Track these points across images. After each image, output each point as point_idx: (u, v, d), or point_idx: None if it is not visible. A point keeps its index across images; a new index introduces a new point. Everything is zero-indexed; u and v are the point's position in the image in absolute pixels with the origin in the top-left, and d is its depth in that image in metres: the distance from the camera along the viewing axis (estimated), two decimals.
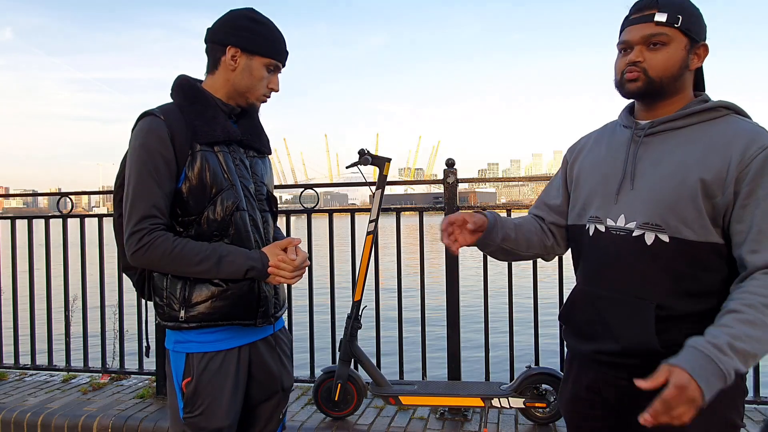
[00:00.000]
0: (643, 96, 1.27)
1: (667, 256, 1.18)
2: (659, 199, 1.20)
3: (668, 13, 1.21)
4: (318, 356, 3.39)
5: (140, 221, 1.40)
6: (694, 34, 1.22)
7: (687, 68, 1.24)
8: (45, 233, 3.73)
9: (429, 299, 3.27)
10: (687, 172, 1.18)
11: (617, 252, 1.25)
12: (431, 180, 3.47)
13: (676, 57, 1.22)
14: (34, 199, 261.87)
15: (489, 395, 2.71)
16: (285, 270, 1.47)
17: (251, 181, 1.58)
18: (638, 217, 1.22)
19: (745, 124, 1.20)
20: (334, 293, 3.37)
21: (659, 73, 1.23)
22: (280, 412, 1.70)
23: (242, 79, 1.52)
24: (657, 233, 1.19)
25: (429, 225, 3.34)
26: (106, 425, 2.99)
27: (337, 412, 2.89)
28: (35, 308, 3.75)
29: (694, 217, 1.17)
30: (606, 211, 1.29)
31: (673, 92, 1.25)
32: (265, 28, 1.53)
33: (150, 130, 1.43)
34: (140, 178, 1.41)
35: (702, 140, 1.20)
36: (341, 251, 3.50)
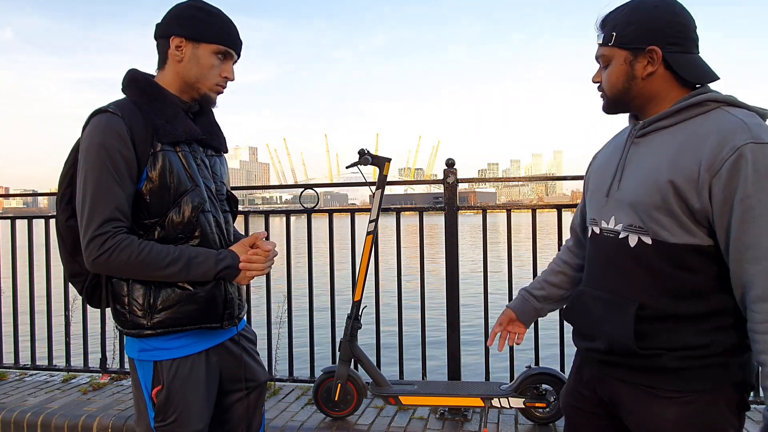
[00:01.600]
0: (612, 112, 1.32)
1: (650, 257, 1.18)
2: (637, 202, 1.19)
3: (604, 33, 1.26)
4: (318, 356, 3.39)
5: (102, 225, 1.32)
6: (634, 43, 1.21)
7: (635, 79, 1.23)
8: (45, 233, 3.73)
9: (429, 299, 3.27)
10: (659, 173, 1.16)
11: (608, 253, 1.27)
12: (431, 180, 3.47)
13: (617, 73, 1.25)
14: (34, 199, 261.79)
15: (489, 395, 2.71)
16: (257, 263, 1.44)
17: (212, 181, 1.54)
18: (624, 220, 1.22)
19: (727, 119, 1.13)
20: (334, 293, 3.36)
21: (611, 91, 1.28)
22: (261, 407, 1.69)
23: (190, 69, 1.46)
24: (640, 235, 1.19)
25: (429, 225, 3.34)
26: (106, 425, 2.99)
27: (337, 412, 2.89)
28: (35, 308, 3.75)
29: (668, 220, 1.15)
30: (600, 212, 1.30)
31: (641, 102, 1.26)
32: (209, 15, 1.47)
33: (108, 128, 1.34)
34: (99, 179, 1.33)
35: (680, 138, 1.16)
36: (341, 251, 3.50)
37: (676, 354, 1.16)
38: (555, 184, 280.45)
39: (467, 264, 5.40)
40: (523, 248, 4.41)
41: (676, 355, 1.16)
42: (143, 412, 1.48)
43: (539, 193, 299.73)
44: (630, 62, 1.23)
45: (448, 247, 3.11)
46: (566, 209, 3.24)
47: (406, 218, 3.42)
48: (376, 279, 3.22)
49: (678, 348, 1.16)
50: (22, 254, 3.74)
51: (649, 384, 1.20)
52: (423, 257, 3.24)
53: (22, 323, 3.75)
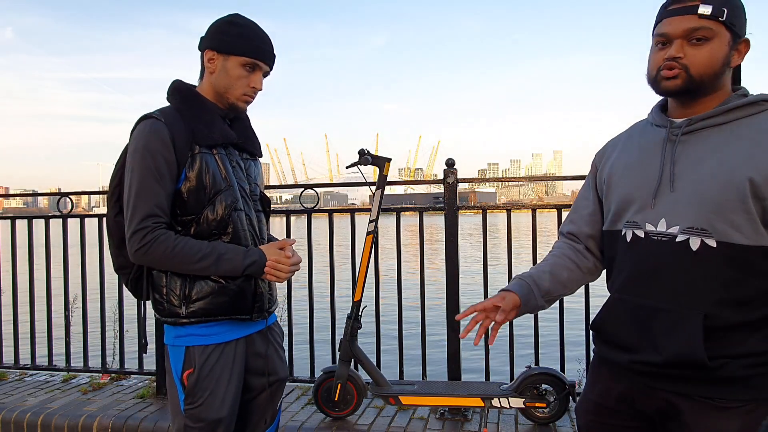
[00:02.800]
0: (681, 95, 1.20)
1: (715, 261, 1.11)
2: (704, 202, 1.12)
3: (713, 5, 1.12)
4: (318, 356, 3.39)
5: (143, 220, 1.45)
6: (738, 29, 1.14)
7: (728, 65, 1.16)
8: (45, 233, 3.72)
9: (429, 299, 3.27)
10: (733, 171, 1.10)
11: (659, 258, 1.17)
12: (431, 180, 3.47)
13: (719, 54, 1.14)
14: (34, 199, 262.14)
15: (489, 395, 2.71)
16: (281, 270, 1.54)
17: (247, 182, 1.65)
18: (681, 222, 1.14)
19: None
20: (334, 293, 3.36)
21: (701, 71, 1.15)
22: (276, 402, 1.75)
23: (220, 80, 1.57)
24: (703, 238, 1.11)
25: (429, 225, 3.34)
26: (106, 425, 2.99)
27: (337, 412, 2.89)
28: (35, 308, 3.75)
29: (743, 220, 1.09)
30: (644, 215, 1.21)
31: (711, 90, 1.18)
32: (240, 28, 1.56)
33: (152, 133, 1.47)
34: (143, 179, 1.46)
35: (747, 136, 1.12)
36: (341, 251, 3.50)
37: (741, 362, 1.10)
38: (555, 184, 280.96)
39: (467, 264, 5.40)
40: (523, 248, 4.41)
41: (741, 363, 1.10)
42: (174, 397, 1.56)
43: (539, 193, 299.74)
44: (732, 46, 1.15)
45: (448, 247, 3.11)
46: (566, 209, 3.23)
47: (406, 218, 3.42)
48: (376, 279, 3.22)
49: (744, 355, 1.10)
50: (22, 254, 3.74)
51: (708, 395, 1.13)
52: (423, 257, 3.24)
53: (22, 323, 3.75)
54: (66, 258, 3.66)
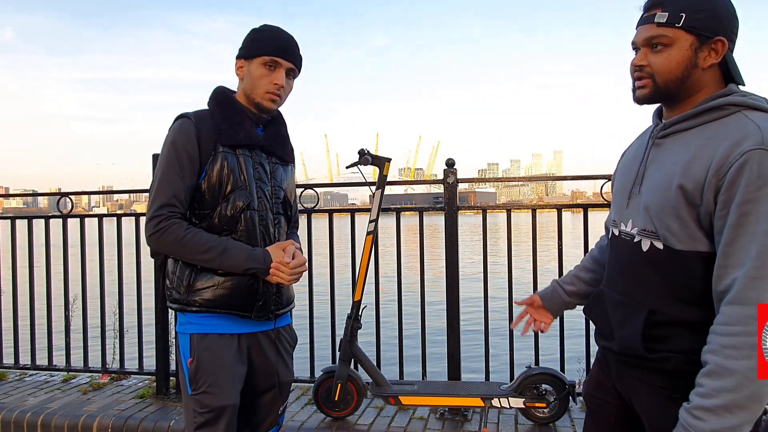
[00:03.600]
0: (653, 102, 1.24)
1: (662, 262, 1.16)
2: (650, 206, 1.18)
3: (669, 12, 1.15)
4: (318, 356, 3.39)
5: (160, 208, 1.55)
6: (703, 30, 1.14)
7: (696, 68, 1.16)
8: (45, 233, 3.73)
9: (429, 299, 3.27)
10: (670, 178, 1.14)
11: (624, 256, 1.27)
12: (431, 180, 3.47)
13: (679, 59, 1.16)
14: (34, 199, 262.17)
15: (489, 395, 2.71)
16: (284, 273, 1.58)
17: (269, 185, 1.69)
18: (639, 223, 1.21)
19: (742, 124, 1.09)
20: (334, 293, 3.37)
21: (664, 78, 1.18)
22: (279, 406, 1.77)
23: (247, 83, 1.66)
24: (652, 240, 1.18)
25: (429, 225, 3.34)
26: (106, 425, 2.99)
27: (337, 412, 2.89)
28: (35, 308, 3.75)
29: (677, 226, 1.13)
30: (621, 214, 1.29)
31: (686, 94, 1.19)
32: (262, 33, 1.66)
33: (180, 129, 1.59)
34: (166, 170, 1.56)
35: (696, 143, 1.14)
36: (341, 251, 3.50)
37: (687, 358, 1.13)
38: (555, 184, 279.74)
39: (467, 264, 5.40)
40: (523, 248, 4.41)
41: (687, 359, 1.13)
42: (183, 383, 1.62)
43: (539, 193, 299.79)
44: (695, 49, 1.15)
45: (448, 247, 3.11)
46: (566, 209, 3.24)
47: (406, 218, 3.42)
48: (376, 279, 3.22)
49: (689, 351, 1.13)
50: (22, 254, 3.74)
51: (664, 386, 1.19)
52: (423, 257, 3.24)
53: (22, 323, 3.75)
54: (66, 258, 3.66)
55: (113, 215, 3.65)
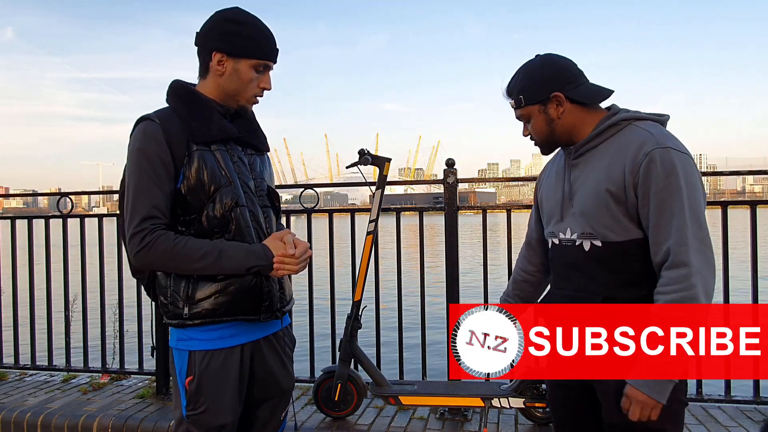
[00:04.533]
0: (549, 153, 1.60)
1: (604, 256, 1.43)
2: (585, 212, 1.44)
3: (514, 99, 1.53)
4: (318, 356, 3.39)
5: (141, 222, 1.42)
6: (539, 97, 1.49)
7: (553, 120, 1.50)
8: (45, 233, 3.73)
9: (429, 299, 3.27)
10: (598, 185, 1.42)
11: (569, 258, 1.51)
12: (431, 180, 3.47)
13: (539, 123, 1.52)
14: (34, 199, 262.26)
15: (489, 395, 2.71)
16: (290, 264, 1.50)
17: (250, 178, 1.59)
18: (577, 229, 1.47)
19: (637, 133, 1.41)
20: (334, 293, 3.37)
21: (540, 138, 1.55)
22: (280, 413, 1.70)
23: (231, 83, 1.53)
24: (591, 240, 1.44)
25: (429, 225, 3.34)
26: (106, 425, 2.99)
27: (337, 412, 2.89)
28: (35, 308, 3.75)
29: (612, 222, 1.40)
30: (558, 226, 1.54)
31: (567, 134, 1.51)
32: (249, 28, 1.52)
33: (146, 134, 1.46)
34: (139, 181, 1.44)
35: (608, 154, 1.43)
36: (341, 251, 3.50)
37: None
38: None
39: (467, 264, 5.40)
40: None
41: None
42: (178, 400, 1.53)
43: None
44: (544, 111, 1.50)
45: (448, 247, 3.11)
46: None
47: (406, 218, 3.42)
48: (376, 279, 3.22)
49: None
50: (22, 254, 3.74)
51: None
52: (423, 257, 3.24)
53: (22, 323, 3.75)
54: (66, 258, 3.66)
55: (113, 215, 3.65)
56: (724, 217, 2.96)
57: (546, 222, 1.61)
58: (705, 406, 2.99)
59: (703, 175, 3.28)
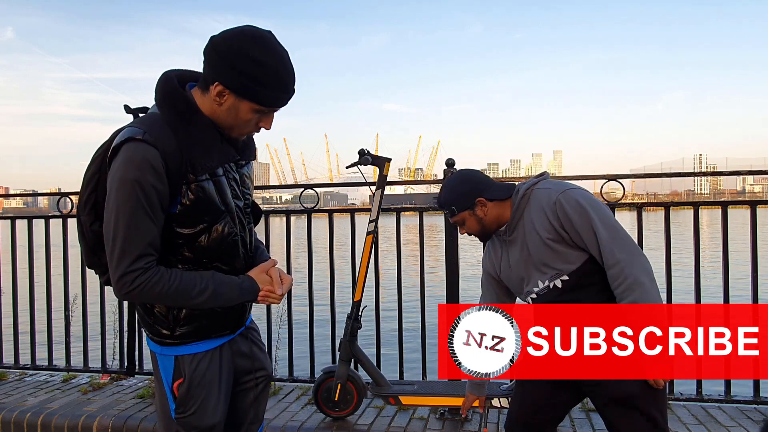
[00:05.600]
0: (485, 240, 1.99)
1: (575, 283, 1.76)
2: (542, 262, 1.78)
3: (449, 211, 1.92)
4: (318, 356, 3.39)
5: (134, 262, 1.31)
6: (468, 204, 1.87)
7: (483, 218, 1.88)
8: (45, 233, 3.73)
9: (429, 299, 3.27)
10: (539, 239, 1.77)
11: (553, 301, 1.78)
12: (431, 180, 3.47)
13: (471, 223, 1.91)
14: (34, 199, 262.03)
15: (489, 395, 2.71)
16: (272, 298, 1.52)
17: (242, 199, 1.53)
18: (544, 279, 1.79)
19: (540, 193, 1.81)
20: (334, 293, 3.37)
21: (475, 233, 1.93)
22: (264, 399, 1.74)
23: (227, 117, 1.38)
24: (560, 278, 1.77)
25: (429, 225, 3.34)
26: (106, 425, 2.99)
27: (337, 412, 2.89)
28: (35, 308, 3.76)
29: (563, 257, 1.75)
30: (529, 287, 1.84)
31: (495, 224, 1.89)
32: (265, 72, 1.32)
33: (143, 162, 1.29)
34: (134, 216, 1.29)
35: (530, 220, 1.81)
36: (341, 251, 3.49)
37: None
38: None
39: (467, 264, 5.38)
40: None
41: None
42: (165, 404, 1.51)
43: None
44: (473, 214, 1.89)
45: (448, 247, 3.11)
46: None
47: (406, 218, 3.42)
48: (376, 279, 3.22)
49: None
50: (22, 254, 3.74)
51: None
52: (423, 257, 3.24)
53: (22, 323, 3.75)
54: (66, 258, 3.66)
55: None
56: (724, 217, 2.96)
57: (515, 292, 1.94)
58: (705, 406, 2.99)
59: (703, 175, 3.30)
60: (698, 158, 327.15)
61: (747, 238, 2.95)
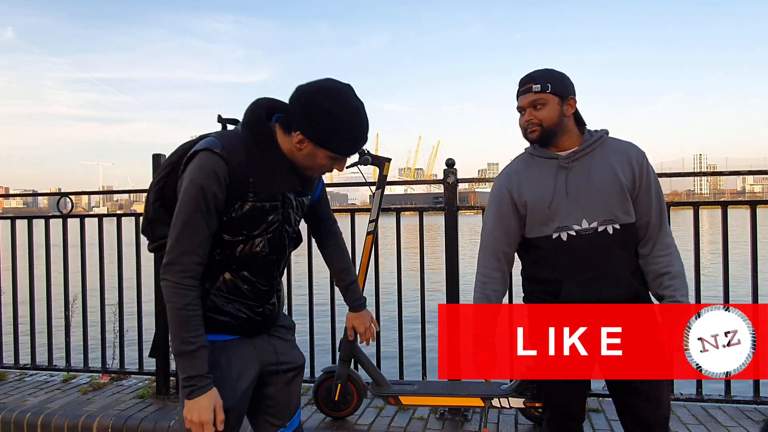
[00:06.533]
0: (540, 141, 1.82)
1: (623, 237, 1.76)
2: (607, 202, 1.74)
3: (540, 84, 1.78)
4: (318, 356, 3.39)
5: (184, 255, 1.46)
6: (562, 92, 1.78)
7: (563, 116, 1.78)
8: (45, 233, 3.73)
9: (429, 299, 3.27)
10: (615, 179, 1.74)
11: (594, 245, 1.75)
12: (431, 180, 3.47)
13: (554, 111, 1.78)
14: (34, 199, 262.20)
15: (489, 395, 2.71)
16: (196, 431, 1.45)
17: (292, 227, 1.65)
18: (597, 218, 1.75)
19: (619, 141, 1.83)
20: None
21: (547, 123, 1.78)
22: (294, 391, 1.76)
23: (305, 160, 1.54)
24: (612, 225, 1.75)
25: (429, 225, 3.34)
26: (106, 425, 2.99)
27: (337, 412, 2.89)
28: (35, 308, 3.75)
29: (628, 207, 1.76)
30: (568, 220, 1.76)
31: (561, 133, 1.80)
32: (341, 123, 1.47)
33: (212, 172, 1.44)
34: (193, 215, 1.45)
35: (607, 157, 1.78)
36: None
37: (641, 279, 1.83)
38: None
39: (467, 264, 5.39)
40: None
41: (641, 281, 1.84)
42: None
43: None
44: (560, 105, 1.78)
45: (448, 247, 3.11)
46: None
47: (406, 218, 3.42)
48: (376, 279, 3.22)
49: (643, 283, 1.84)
50: (22, 254, 3.74)
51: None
52: (423, 257, 3.24)
53: (22, 323, 3.75)
54: (66, 258, 3.66)
55: (113, 215, 3.65)
56: (724, 217, 2.96)
57: (542, 221, 1.80)
58: (705, 406, 3.00)
59: (703, 175, 3.30)
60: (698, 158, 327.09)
61: (747, 238, 2.95)
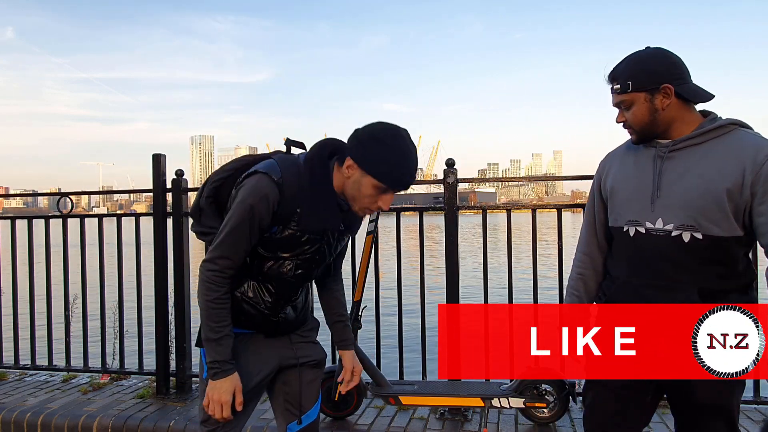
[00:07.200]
0: (644, 142, 1.59)
1: (703, 249, 1.47)
2: (689, 205, 1.47)
3: (620, 84, 1.56)
4: None
5: (220, 258, 1.56)
6: (648, 85, 1.52)
7: (657, 111, 1.53)
8: (45, 233, 3.73)
9: (429, 299, 3.26)
10: (711, 182, 1.46)
11: (661, 249, 1.52)
12: (431, 180, 3.47)
13: (641, 111, 1.54)
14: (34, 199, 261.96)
15: (489, 395, 2.71)
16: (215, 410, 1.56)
17: (325, 259, 1.70)
18: (674, 221, 1.50)
19: (750, 137, 1.48)
20: None
21: (638, 126, 1.57)
22: (316, 384, 1.84)
23: (351, 189, 1.59)
24: (692, 232, 1.48)
25: (429, 225, 3.34)
26: (106, 425, 2.99)
27: (337, 412, 2.89)
28: (35, 308, 3.75)
29: (720, 218, 1.45)
30: (644, 215, 1.55)
31: (665, 126, 1.55)
32: (389, 153, 1.53)
33: (264, 197, 1.54)
34: (238, 227, 1.55)
35: (718, 154, 1.48)
36: None
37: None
38: (555, 184, 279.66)
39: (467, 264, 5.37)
40: (522, 248, 4.41)
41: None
42: (201, 371, 1.66)
43: (539, 193, 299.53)
44: (650, 100, 1.53)
45: (448, 247, 3.11)
46: (566, 209, 3.24)
47: (406, 218, 3.41)
48: (376, 279, 3.21)
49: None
50: (22, 254, 3.74)
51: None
52: (423, 257, 3.24)
53: (22, 323, 3.75)
54: (66, 258, 3.66)
55: (113, 215, 3.65)
56: None
57: (618, 210, 1.63)
58: None
59: None
60: None
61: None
